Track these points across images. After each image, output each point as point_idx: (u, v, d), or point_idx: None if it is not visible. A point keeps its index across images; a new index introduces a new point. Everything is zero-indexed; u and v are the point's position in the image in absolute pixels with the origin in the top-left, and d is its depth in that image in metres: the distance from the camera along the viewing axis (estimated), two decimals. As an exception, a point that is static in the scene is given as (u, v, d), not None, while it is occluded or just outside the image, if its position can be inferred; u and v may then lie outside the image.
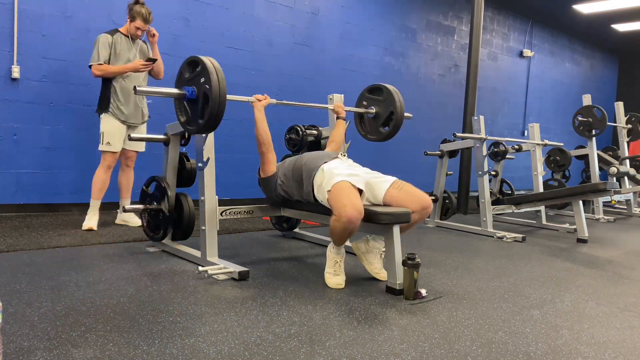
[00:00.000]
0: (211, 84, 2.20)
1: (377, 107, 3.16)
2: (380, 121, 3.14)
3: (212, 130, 2.37)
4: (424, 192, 2.54)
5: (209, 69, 2.22)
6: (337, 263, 2.42)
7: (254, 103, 2.74)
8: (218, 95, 2.21)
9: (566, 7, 7.81)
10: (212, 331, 1.76)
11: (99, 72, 3.46)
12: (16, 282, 2.23)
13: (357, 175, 2.47)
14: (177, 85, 2.40)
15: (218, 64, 2.29)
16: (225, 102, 2.25)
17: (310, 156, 2.69)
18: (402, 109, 3.07)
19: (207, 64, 2.24)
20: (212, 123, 2.27)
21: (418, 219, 2.49)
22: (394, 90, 3.09)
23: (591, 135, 5.56)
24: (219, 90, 2.21)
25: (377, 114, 3.17)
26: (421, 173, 6.50)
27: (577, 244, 3.99)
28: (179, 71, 2.40)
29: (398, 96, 3.07)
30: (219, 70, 2.25)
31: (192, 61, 2.35)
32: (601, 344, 1.83)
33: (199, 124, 2.30)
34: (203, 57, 2.29)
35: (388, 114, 3.10)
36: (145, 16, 3.49)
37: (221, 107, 2.23)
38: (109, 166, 3.56)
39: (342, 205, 2.24)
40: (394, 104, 3.06)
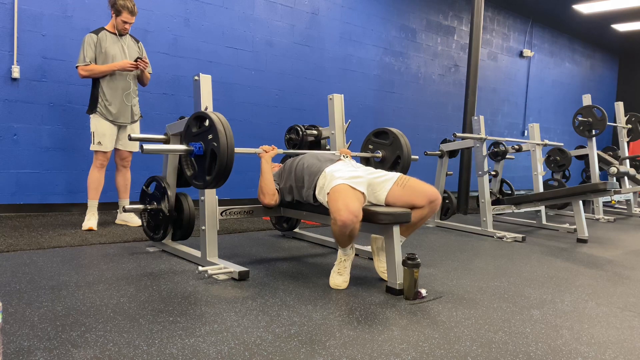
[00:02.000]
0: (219, 142, 2.17)
1: (384, 151, 3.19)
2: (388, 165, 3.15)
3: (220, 186, 2.33)
4: (430, 185, 2.53)
5: (217, 125, 2.19)
6: (342, 262, 2.41)
7: (261, 154, 2.76)
8: (227, 152, 2.17)
9: (566, 7, 7.82)
10: (212, 331, 1.76)
11: (85, 73, 3.46)
12: (16, 282, 2.23)
13: (359, 177, 2.46)
14: (185, 140, 2.37)
15: (225, 119, 2.25)
16: (233, 159, 2.21)
17: (312, 159, 2.68)
18: (409, 152, 3.09)
19: (215, 120, 2.21)
20: (219, 179, 2.24)
21: (428, 213, 2.47)
22: (400, 133, 3.13)
23: (591, 135, 5.56)
24: (227, 148, 2.17)
25: (384, 158, 3.19)
26: (421, 173, 6.51)
27: (577, 244, 3.98)
28: (186, 125, 2.38)
29: (404, 139, 3.10)
30: (227, 127, 2.21)
31: (199, 116, 2.33)
32: (601, 344, 1.83)
33: (205, 180, 2.28)
34: (211, 113, 2.26)
35: (395, 157, 3.13)
36: (131, 8, 3.48)
37: (229, 164, 2.19)
38: (101, 165, 3.56)
39: (337, 209, 2.23)
40: (401, 147, 3.08)
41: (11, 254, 2.73)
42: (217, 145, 2.18)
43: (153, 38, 4.46)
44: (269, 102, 5.31)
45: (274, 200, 2.75)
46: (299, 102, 5.54)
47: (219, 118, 2.23)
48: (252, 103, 5.18)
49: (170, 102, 4.65)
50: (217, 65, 4.89)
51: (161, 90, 4.57)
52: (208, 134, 2.24)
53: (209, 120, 2.23)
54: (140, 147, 2.29)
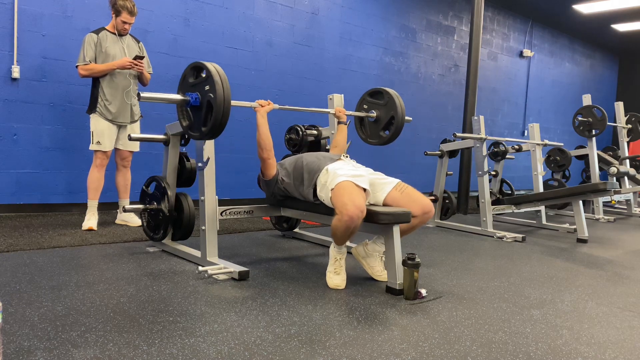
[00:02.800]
0: (216, 93, 2.18)
1: (378, 111, 3.17)
2: (381, 125, 3.14)
3: (215, 137, 2.34)
4: (426, 196, 2.55)
5: (214, 76, 2.20)
6: (338, 261, 2.42)
7: (257, 109, 2.74)
8: (223, 103, 2.18)
9: (566, 7, 7.82)
10: (212, 331, 1.76)
11: (85, 72, 3.46)
12: (16, 282, 2.23)
13: (361, 175, 2.48)
14: (181, 89, 2.38)
15: (222, 70, 2.26)
16: (230, 111, 2.22)
17: (312, 157, 2.68)
18: (403, 113, 3.07)
19: (212, 71, 2.21)
20: (215, 131, 2.25)
21: (418, 224, 2.50)
22: (395, 94, 3.09)
23: (591, 135, 5.56)
24: (224, 99, 2.18)
25: (378, 118, 3.17)
26: (421, 173, 6.51)
27: (577, 244, 3.98)
28: (182, 75, 2.38)
29: (399, 100, 3.07)
30: (224, 78, 2.22)
31: (196, 66, 2.33)
32: (601, 344, 1.83)
33: (201, 131, 2.28)
34: (208, 63, 2.26)
35: (389, 118, 3.11)
36: (130, 8, 3.48)
37: (225, 115, 2.20)
38: (101, 165, 3.56)
39: (343, 203, 2.24)
40: (395, 108, 3.06)
41: (11, 254, 2.73)
42: (213, 97, 2.18)
43: (153, 38, 4.46)
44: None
45: (272, 156, 2.71)
46: (299, 102, 5.54)
47: (216, 69, 2.24)
48: (252, 103, 5.18)
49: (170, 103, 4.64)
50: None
51: (161, 90, 4.55)
52: (205, 85, 2.24)
53: (206, 71, 2.24)
54: (138, 95, 2.28)
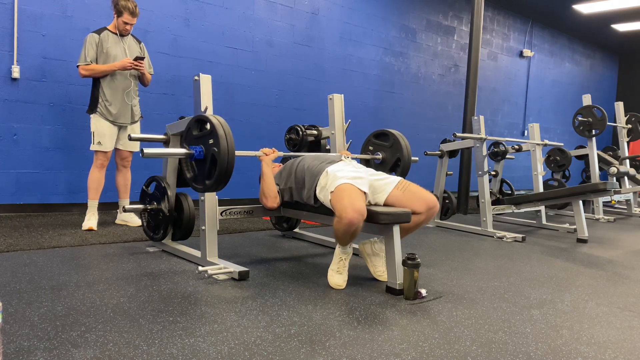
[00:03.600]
0: (220, 147, 2.16)
1: (384, 152, 3.19)
2: (388, 167, 3.15)
3: (220, 189, 2.32)
4: (429, 192, 2.54)
5: (217, 130, 2.18)
6: (342, 261, 2.41)
7: (262, 157, 2.76)
8: (227, 157, 2.16)
9: (566, 7, 7.82)
10: (212, 331, 1.76)
11: (86, 72, 3.46)
12: (16, 282, 2.23)
13: (361, 177, 2.46)
14: (185, 142, 2.37)
15: (226, 123, 2.24)
16: (234, 164, 2.20)
17: (313, 159, 2.68)
18: (409, 154, 3.09)
19: (216, 125, 2.20)
20: (220, 184, 2.23)
21: (424, 220, 2.48)
22: (400, 135, 3.12)
23: (591, 135, 5.56)
24: (228, 153, 2.16)
25: (384, 160, 3.18)
26: (421, 173, 6.51)
27: (577, 244, 3.98)
28: (187, 127, 2.37)
29: (404, 141, 3.10)
30: (228, 132, 2.20)
31: (200, 119, 2.33)
32: (601, 344, 1.83)
33: (205, 184, 2.27)
34: (212, 116, 2.25)
35: (395, 160, 3.12)
36: (132, 9, 3.48)
37: (229, 169, 2.18)
38: (101, 165, 3.56)
39: (342, 207, 2.24)
40: (401, 150, 3.08)
41: (11, 254, 2.73)
42: (217, 151, 2.18)
43: (153, 38, 4.46)
44: (269, 102, 5.31)
45: (275, 203, 2.75)
46: (299, 102, 5.54)
47: (220, 122, 2.22)
48: (252, 103, 5.18)
49: (170, 102, 4.65)
50: (217, 65, 4.89)
51: (161, 90, 4.57)
52: (209, 139, 2.23)
53: (210, 125, 2.23)
54: (141, 151, 2.27)
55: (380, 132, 3.24)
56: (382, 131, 3.23)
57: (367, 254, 2.60)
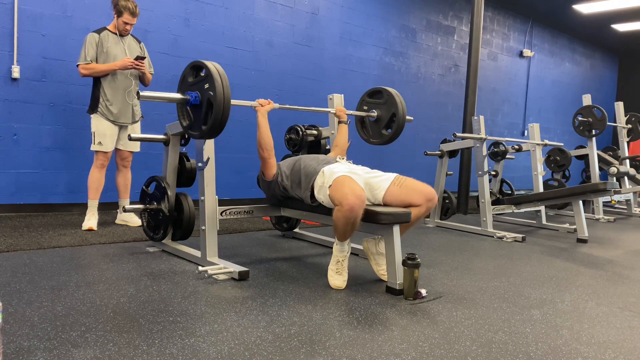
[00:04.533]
0: (216, 91, 2.17)
1: (379, 110, 3.16)
2: (383, 124, 3.14)
3: (215, 136, 2.34)
4: (426, 184, 2.53)
5: (213, 74, 2.19)
6: (340, 262, 2.41)
7: (257, 108, 2.74)
8: (222, 102, 2.17)
9: (566, 7, 7.82)
10: (212, 331, 1.76)
11: (86, 72, 3.45)
12: (16, 282, 2.23)
13: (357, 174, 2.48)
14: (180, 89, 2.37)
15: (222, 69, 2.26)
16: (230, 109, 2.21)
17: (309, 160, 2.68)
18: (404, 110, 3.07)
19: (212, 70, 2.21)
20: (215, 129, 2.24)
21: (424, 212, 2.48)
22: (395, 92, 3.09)
23: (591, 135, 5.56)
24: (224, 97, 2.18)
25: (379, 117, 3.16)
26: (421, 173, 6.50)
27: (577, 244, 3.98)
28: (182, 75, 2.38)
29: (399, 98, 3.07)
30: (224, 77, 2.22)
31: (195, 65, 2.33)
32: (601, 344, 1.83)
33: (202, 130, 2.28)
34: (207, 62, 2.26)
35: (390, 116, 3.10)
36: (132, 10, 3.48)
37: (225, 114, 2.20)
38: (102, 165, 3.56)
39: (343, 194, 2.24)
40: (396, 105, 3.05)
41: (11, 254, 2.73)
42: (213, 95, 2.18)
43: (153, 38, 4.46)
44: (269, 102, 5.30)
45: (272, 157, 2.71)
46: (299, 102, 5.53)
47: (215, 67, 2.24)
48: (252, 103, 5.18)
49: (170, 103, 4.64)
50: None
51: (161, 90, 4.55)
52: (204, 83, 2.24)
53: (206, 70, 2.23)
54: (137, 94, 2.27)
55: (374, 91, 3.20)
56: (376, 89, 3.20)
57: (370, 252, 2.60)
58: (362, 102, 3.25)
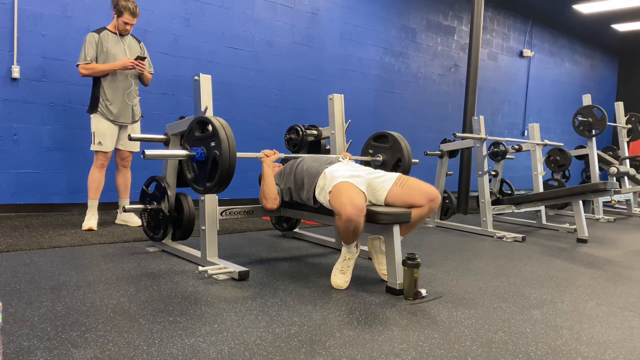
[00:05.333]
0: (221, 149, 2.16)
1: (384, 154, 3.18)
2: (389, 168, 3.14)
3: (221, 192, 2.32)
4: (429, 184, 2.54)
5: (219, 132, 2.18)
6: (347, 260, 2.42)
7: (263, 159, 2.77)
8: (228, 160, 2.16)
9: (566, 7, 7.82)
10: (212, 331, 1.76)
11: (86, 72, 3.45)
12: (16, 282, 2.23)
13: (359, 176, 2.47)
14: (187, 143, 2.37)
15: (228, 126, 2.24)
16: (235, 166, 2.20)
17: (311, 161, 2.68)
18: (409, 154, 3.09)
19: (218, 127, 2.19)
20: (221, 186, 2.23)
21: (427, 212, 2.48)
22: (400, 136, 3.12)
23: (591, 135, 5.56)
24: (229, 156, 2.16)
25: (384, 162, 3.18)
26: (421, 173, 6.51)
27: (577, 244, 3.98)
28: (189, 128, 2.37)
29: (404, 142, 3.10)
30: (230, 135, 2.20)
31: (202, 121, 2.33)
32: (601, 344, 1.83)
33: (206, 186, 2.27)
34: (214, 118, 2.25)
35: (395, 160, 3.12)
36: (133, 10, 3.48)
37: (231, 171, 2.18)
38: (102, 165, 3.56)
39: (341, 204, 2.24)
40: (401, 150, 3.08)
41: (11, 254, 2.73)
42: (219, 154, 2.18)
43: (153, 38, 4.46)
44: (269, 102, 5.31)
45: (276, 205, 2.75)
46: (299, 102, 5.54)
47: (221, 124, 2.22)
48: (252, 103, 5.18)
49: (170, 102, 4.65)
50: (217, 65, 4.89)
51: (161, 90, 4.57)
52: (210, 141, 2.23)
53: (212, 127, 2.23)
54: (142, 153, 2.27)
55: (379, 135, 3.24)
56: (380, 133, 3.23)
57: (374, 250, 2.60)
58: (368, 145, 3.28)
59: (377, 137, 3.25)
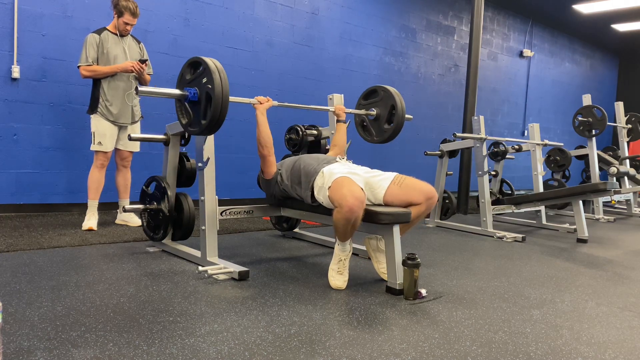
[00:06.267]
0: (214, 85, 2.18)
1: (377, 108, 3.15)
2: (383, 120, 3.12)
3: (214, 132, 2.34)
4: (426, 182, 2.54)
5: (211, 69, 2.20)
6: (342, 261, 2.41)
7: (256, 105, 2.73)
8: (221, 96, 2.18)
9: (566, 7, 7.82)
10: (212, 331, 1.76)
11: (88, 73, 3.45)
12: (16, 282, 2.23)
13: (357, 174, 2.48)
14: (179, 86, 2.38)
15: (220, 64, 2.27)
16: (228, 103, 2.22)
17: (309, 160, 2.68)
18: (402, 102, 3.05)
19: (210, 65, 2.22)
20: (214, 125, 2.25)
21: (425, 210, 2.48)
22: (389, 87, 3.09)
23: (591, 135, 5.56)
24: (222, 91, 2.18)
25: (378, 115, 3.15)
26: (421, 173, 6.51)
27: (577, 244, 3.98)
28: (180, 72, 2.38)
29: (394, 91, 3.06)
30: (222, 71, 2.23)
31: (193, 62, 2.33)
32: (601, 344, 1.83)
33: (201, 125, 2.28)
34: (205, 57, 2.27)
35: (389, 110, 3.09)
36: (133, 10, 3.48)
37: (224, 108, 2.20)
38: (102, 165, 3.56)
39: (342, 195, 2.24)
40: (393, 98, 3.04)
41: (11, 254, 2.73)
42: (211, 88, 2.18)
43: (153, 38, 4.46)
44: (269, 102, 5.30)
45: (271, 154, 2.71)
46: (299, 102, 5.53)
47: (213, 63, 2.24)
48: (252, 103, 5.18)
49: (170, 102, 4.64)
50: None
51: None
52: (202, 78, 2.24)
53: (203, 65, 2.24)
54: (136, 89, 2.28)
55: (369, 91, 3.20)
56: (370, 89, 3.19)
57: (372, 249, 2.60)
58: (359, 105, 3.25)
59: (366, 94, 3.21)
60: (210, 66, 2.22)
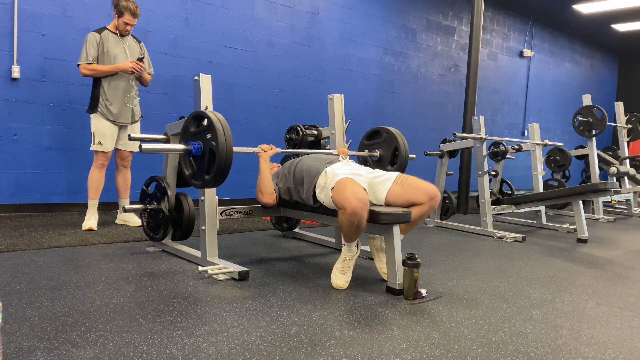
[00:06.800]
0: (218, 142, 2.16)
1: (380, 149, 3.18)
2: (386, 161, 3.14)
3: (218, 185, 2.33)
4: (429, 182, 2.54)
5: (215, 124, 2.18)
6: (347, 261, 2.42)
7: (260, 154, 2.77)
8: (225, 151, 2.16)
9: (566, 7, 7.82)
10: (212, 331, 1.76)
11: (88, 72, 3.45)
12: (16, 282, 2.23)
13: (360, 175, 2.48)
14: (183, 139, 2.37)
15: (224, 118, 2.24)
16: (232, 158, 2.20)
17: (311, 160, 2.68)
18: (405, 143, 3.09)
19: (214, 120, 2.20)
20: (218, 179, 2.24)
21: (428, 210, 2.48)
22: (392, 128, 3.13)
23: (591, 135, 5.56)
24: (226, 147, 2.16)
25: (381, 156, 3.18)
26: (421, 173, 6.51)
27: (577, 244, 3.98)
28: (184, 125, 2.37)
29: (398, 132, 3.10)
30: (226, 127, 2.20)
31: (197, 116, 2.33)
32: (601, 344, 1.83)
33: (204, 179, 2.27)
34: (209, 112, 2.26)
35: (392, 151, 3.12)
36: (133, 10, 3.48)
37: (228, 163, 2.19)
38: (102, 165, 3.56)
39: (345, 197, 2.25)
40: (396, 139, 3.08)
41: (11, 254, 2.73)
42: (215, 145, 2.18)
43: (153, 38, 4.46)
44: (269, 102, 5.31)
45: (272, 200, 2.75)
46: (299, 102, 5.54)
47: (217, 117, 2.23)
48: (252, 103, 5.18)
49: (170, 102, 4.65)
50: (217, 65, 4.89)
51: (161, 90, 4.57)
52: (206, 134, 2.24)
53: (208, 120, 2.23)
54: (140, 147, 2.29)
55: (371, 132, 3.24)
56: (372, 131, 3.23)
57: (375, 248, 2.60)
58: (362, 145, 3.28)
59: (369, 135, 3.25)
60: (214, 121, 2.20)
